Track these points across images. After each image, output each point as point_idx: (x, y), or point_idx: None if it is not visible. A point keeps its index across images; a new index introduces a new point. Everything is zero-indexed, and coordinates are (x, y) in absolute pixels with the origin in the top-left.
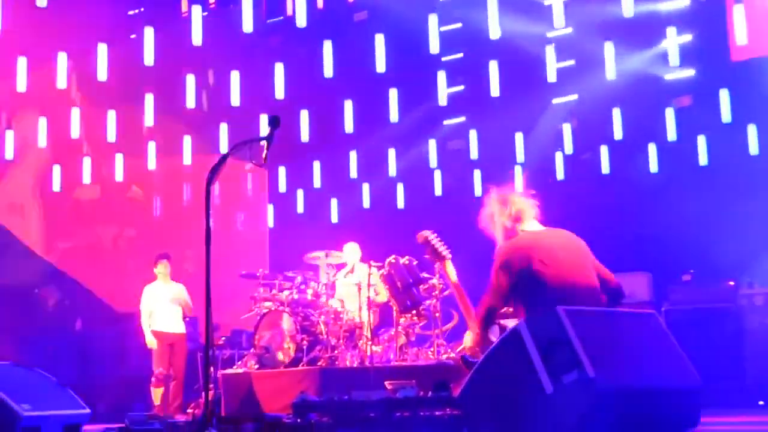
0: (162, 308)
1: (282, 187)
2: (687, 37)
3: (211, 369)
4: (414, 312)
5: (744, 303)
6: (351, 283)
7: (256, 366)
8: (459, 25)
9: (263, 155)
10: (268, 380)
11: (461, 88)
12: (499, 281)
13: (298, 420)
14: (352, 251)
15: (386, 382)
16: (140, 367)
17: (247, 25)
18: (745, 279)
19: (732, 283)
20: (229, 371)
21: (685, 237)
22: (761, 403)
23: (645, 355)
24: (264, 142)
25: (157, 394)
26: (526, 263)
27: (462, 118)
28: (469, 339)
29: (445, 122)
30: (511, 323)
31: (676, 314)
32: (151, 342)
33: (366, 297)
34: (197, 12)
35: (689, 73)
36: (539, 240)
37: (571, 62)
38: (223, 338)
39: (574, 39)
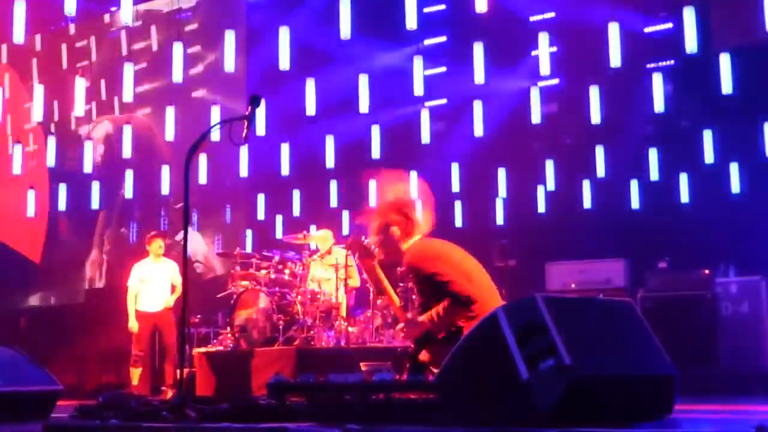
0: (149, 287)
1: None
2: None
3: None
4: None
5: (719, 291)
6: (328, 265)
7: (232, 345)
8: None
9: (243, 134)
10: (244, 359)
11: None
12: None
13: (273, 402)
14: (324, 239)
15: (362, 364)
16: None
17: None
18: (720, 267)
19: (707, 271)
20: (204, 350)
21: (661, 224)
22: None
23: (621, 342)
24: (245, 122)
25: (135, 374)
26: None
27: None
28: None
29: None
30: None
31: (652, 301)
32: (133, 326)
33: (343, 278)
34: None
35: None
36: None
37: None
38: (199, 316)
39: None
